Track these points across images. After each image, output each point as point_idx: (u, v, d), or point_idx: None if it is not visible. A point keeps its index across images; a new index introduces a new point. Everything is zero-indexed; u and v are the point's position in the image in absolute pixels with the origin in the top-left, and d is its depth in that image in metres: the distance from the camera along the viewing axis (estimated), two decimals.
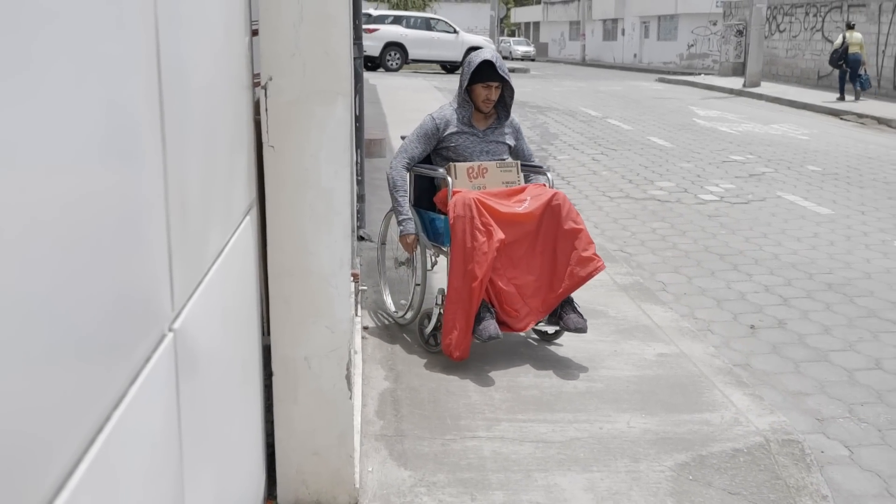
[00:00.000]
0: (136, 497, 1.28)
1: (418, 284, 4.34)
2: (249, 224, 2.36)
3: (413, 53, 27.39)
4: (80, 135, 1.05)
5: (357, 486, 2.81)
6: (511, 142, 4.42)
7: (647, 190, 9.08)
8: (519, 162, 4.33)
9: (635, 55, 43.36)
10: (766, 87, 22.82)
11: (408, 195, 4.30)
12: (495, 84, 4.20)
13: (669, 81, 27.69)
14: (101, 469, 1.09)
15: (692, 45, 37.92)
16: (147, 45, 1.36)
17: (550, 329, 4.21)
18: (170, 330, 1.47)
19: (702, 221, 7.66)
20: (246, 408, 2.33)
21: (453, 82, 24.65)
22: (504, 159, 4.34)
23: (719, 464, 3.14)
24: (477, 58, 4.22)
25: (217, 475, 1.90)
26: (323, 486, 2.75)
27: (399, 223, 4.24)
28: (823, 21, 24.13)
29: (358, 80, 5.67)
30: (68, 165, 1.01)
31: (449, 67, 28.11)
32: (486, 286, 3.84)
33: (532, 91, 21.10)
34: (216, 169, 1.93)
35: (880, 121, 16.15)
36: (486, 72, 4.18)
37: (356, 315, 4.18)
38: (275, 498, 2.75)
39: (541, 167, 4.46)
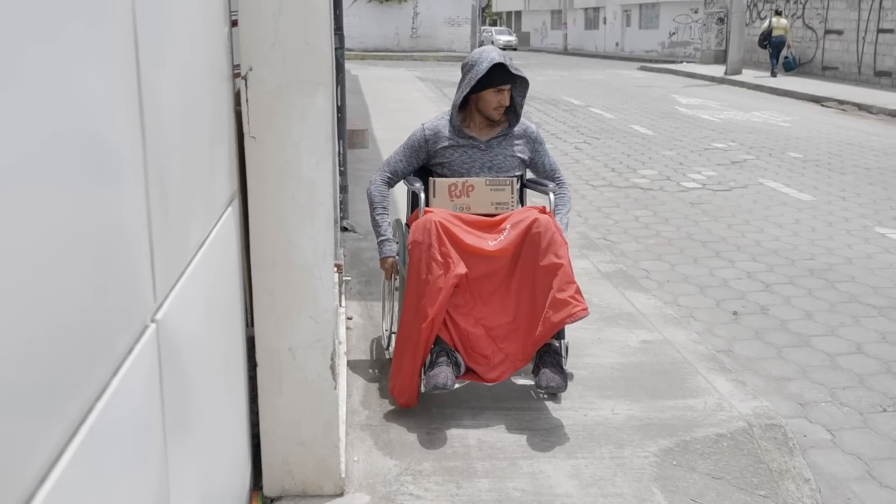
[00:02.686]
0: (120, 488, 1.28)
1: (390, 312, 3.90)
2: (231, 215, 2.36)
3: None
4: (57, 126, 1.05)
5: (343, 475, 2.82)
6: (524, 154, 3.79)
7: (629, 178, 9.10)
8: (514, 179, 3.67)
9: (617, 44, 43.36)
10: (748, 75, 22.89)
11: (388, 212, 3.75)
12: (507, 86, 3.63)
13: (651, 70, 27.74)
14: (83, 461, 1.09)
15: (674, 34, 37.97)
16: (125, 37, 1.35)
17: (524, 381, 3.46)
18: (152, 321, 1.46)
19: (684, 209, 7.69)
20: (230, 399, 2.33)
21: (436, 73, 24.65)
22: (506, 176, 3.69)
23: (703, 449, 3.17)
24: (483, 60, 3.58)
25: (202, 466, 1.90)
26: (309, 476, 2.75)
27: (378, 243, 3.72)
28: (804, 9, 24.19)
29: (339, 71, 5.65)
30: (46, 157, 1.01)
31: None
32: (439, 327, 3.29)
33: None
34: (197, 160, 1.92)
35: (861, 107, 16.23)
36: (498, 75, 3.60)
37: (340, 306, 4.17)
38: (261, 489, 2.76)
39: (546, 185, 3.81)
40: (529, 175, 3.97)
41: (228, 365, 2.30)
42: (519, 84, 3.69)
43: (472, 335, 3.35)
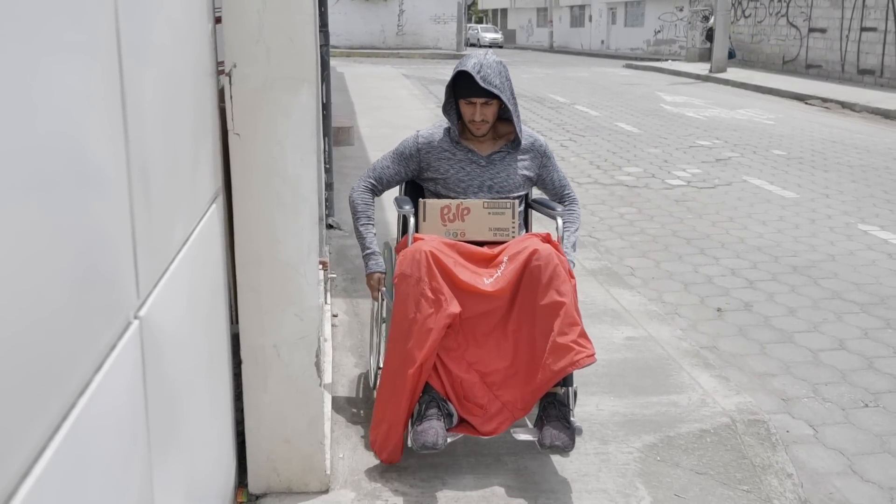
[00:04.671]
0: (104, 484, 1.28)
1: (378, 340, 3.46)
2: (216, 212, 2.35)
3: None
4: (37, 123, 1.04)
5: (328, 472, 2.82)
6: (530, 171, 3.38)
7: (615, 175, 9.13)
8: (516, 201, 3.23)
9: (603, 42, 43.46)
10: (732, 73, 22.98)
11: (373, 222, 3.34)
12: (481, 100, 3.20)
13: (637, 67, 27.81)
14: (66, 457, 1.09)
15: (659, 32, 38.08)
16: (107, 32, 1.35)
17: (525, 437, 2.96)
18: (135, 317, 1.46)
19: (669, 206, 7.72)
20: (215, 396, 2.33)
21: (422, 70, 24.62)
22: (508, 197, 3.28)
23: (687, 444, 3.18)
24: (459, 66, 3.22)
25: (186, 463, 1.90)
26: (294, 472, 2.75)
27: (363, 258, 3.32)
28: (788, 6, 24.32)
29: (325, 68, 5.65)
30: (27, 152, 1.01)
31: None
32: (428, 373, 2.87)
33: None
34: (180, 157, 1.92)
35: (844, 105, 16.33)
36: (465, 85, 3.20)
37: (325, 303, 4.17)
38: (246, 486, 2.75)
39: (554, 207, 3.39)
40: (536, 194, 3.57)
41: (213, 362, 2.30)
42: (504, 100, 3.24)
43: (466, 382, 2.91)
